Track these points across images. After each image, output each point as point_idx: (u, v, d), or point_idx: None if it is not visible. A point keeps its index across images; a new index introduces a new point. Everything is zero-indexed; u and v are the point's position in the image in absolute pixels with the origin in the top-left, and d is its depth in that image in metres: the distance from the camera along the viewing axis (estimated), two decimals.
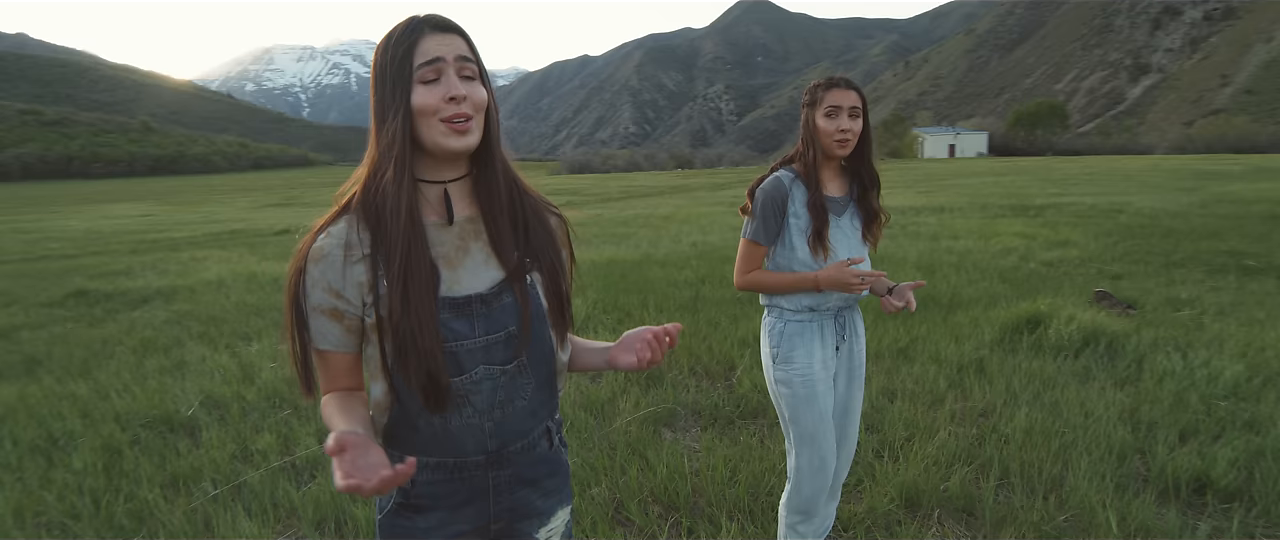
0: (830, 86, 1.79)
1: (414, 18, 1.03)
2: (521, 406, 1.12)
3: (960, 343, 4.39)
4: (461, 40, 1.03)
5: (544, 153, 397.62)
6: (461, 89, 1.00)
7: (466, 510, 1.13)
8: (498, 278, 1.08)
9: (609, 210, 19.88)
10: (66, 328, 6.10)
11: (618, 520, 2.40)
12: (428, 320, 1.00)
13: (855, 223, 1.89)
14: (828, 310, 1.87)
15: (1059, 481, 2.59)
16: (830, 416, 1.90)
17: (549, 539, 1.22)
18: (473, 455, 1.10)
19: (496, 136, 1.10)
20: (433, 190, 1.08)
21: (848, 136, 1.78)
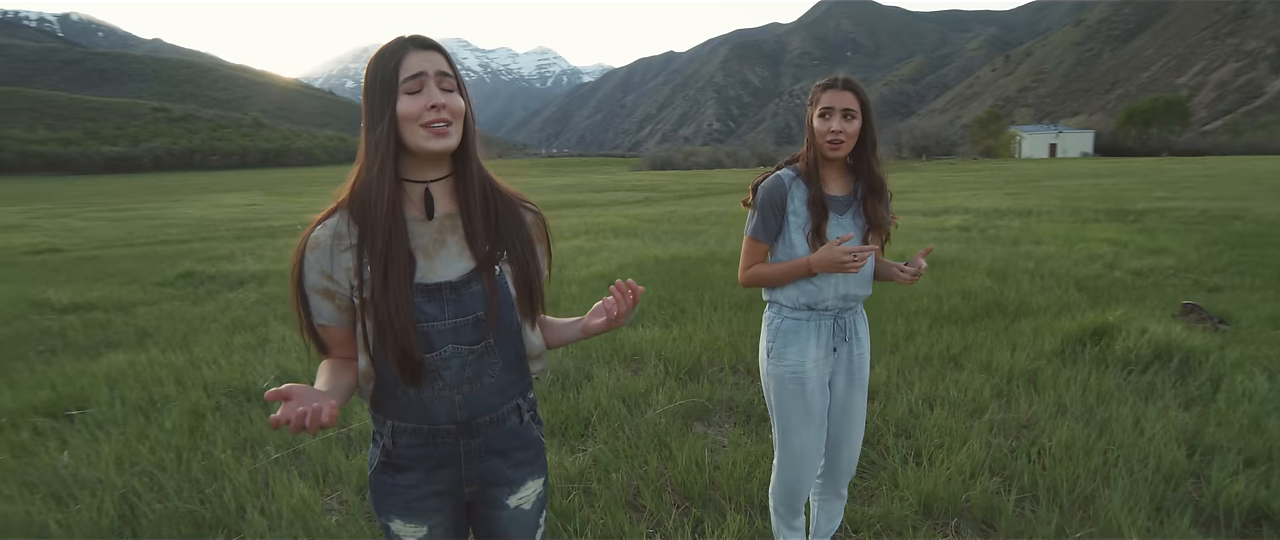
0: (827, 87, 1.81)
1: (401, 38, 1.17)
2: (490, 383, 1.24)
3: (1016, 352, 4.23)
4: (442, 57, 1.16)
5: (628, 149, 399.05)
6: (441, 98, 1.13)
7: (441, 472, 1.27)
8: (469, 268, 1.21)
9: (684, 207, 19.91)
10: (174, 305, 6.73)
11: (632, 506, 2.50)
12: (403, 303, 1.14)
13: (858, 222, 1.89)
14: (826, 311, 1.89)
15: (1091, 499, 2.50)
16: (818, 415, 1.93)
17: (519, 506, 1.34)
18: (444, 424, 1.23)
19: (473, 141, 1.23)
20: (416, 189, 1.21)
21: (840, 138, 1.79)
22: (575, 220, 15.80)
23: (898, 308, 5.41)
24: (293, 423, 0.95)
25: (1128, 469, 2.68)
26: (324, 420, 0.97)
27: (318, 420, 0.96)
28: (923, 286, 6.20)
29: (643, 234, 11.98)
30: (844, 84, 1.79)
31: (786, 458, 1.96)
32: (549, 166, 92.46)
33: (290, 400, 0.97)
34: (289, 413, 0.95)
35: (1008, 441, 3.03)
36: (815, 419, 1.93)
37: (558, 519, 2.34)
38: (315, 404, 0.97)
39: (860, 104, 1.80)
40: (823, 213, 1.83)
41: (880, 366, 4.05)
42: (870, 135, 1.84)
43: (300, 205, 27.21)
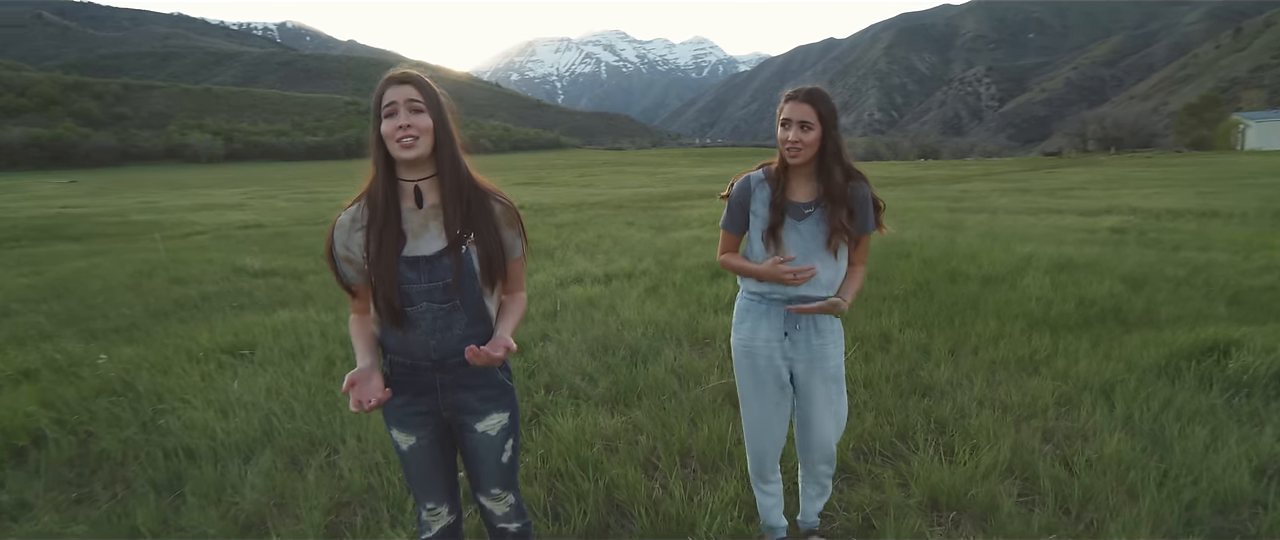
0: (789, 98, 1.97)
1: (387, 75, 1.58)
2: (458, 334, 1.63)
3: (1106, 362, 4.01)
4: (413, 88, 1.56)
5: None
6: (407, 120, 1.53)
7: (423, 398, 1.69)
8: (442, 246, 1.60)
9: None
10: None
11: (647, 465, 2.83)
12: (390, 269, 1.56)
13: (818, 228, 2.01)
14: (775, 299, 2.08)
15: (1114, 511, 2.44)
16: (770, 391, 2.13)
17: (486, 432, 1.73)
18: (422, 361, 1.64)
19: (450, 148, 1.61)
20: (408, 186, 1.62)
21: (797, 148, 1.95)
22: (702, 211, 16.09)
23: (997, 310, 5.23)
24: (356, 407, 1.51)
25: (1174, 490, 2.56)
26: (369, 406, 1.53)
27: (368, 404, 1.53)
28: (1038, 290, 5.89)
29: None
30: (804, 97, 1.95)
31: (746, 424, 2.20)
32: (701, 156, 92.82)
33: (354, 388, 1.53)
34: (353, 398, 1.53)
35: (1052, 448, 2.99)
36: (766, 394, 2.13)
37: (577, 466, 2.71)
38: (367, 395, 1.54)
39: (818, 116, 1.94)
40: (779, 217, 2.02)
41: (947, 366, 4.03)
42: (831, 145, 1.98)
43: None
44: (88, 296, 6.58)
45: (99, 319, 5.63)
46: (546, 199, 22.71)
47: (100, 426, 3.33)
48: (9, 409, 3.40)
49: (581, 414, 3.28)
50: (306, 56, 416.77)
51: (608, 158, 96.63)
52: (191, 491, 2.68)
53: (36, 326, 5.38)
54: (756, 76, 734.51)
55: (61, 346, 4.69)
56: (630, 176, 42.49)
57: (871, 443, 3.06)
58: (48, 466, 2.99)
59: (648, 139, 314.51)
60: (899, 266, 7.29)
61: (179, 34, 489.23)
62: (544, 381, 3.89)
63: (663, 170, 51.34)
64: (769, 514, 2.34)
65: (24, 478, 2.89)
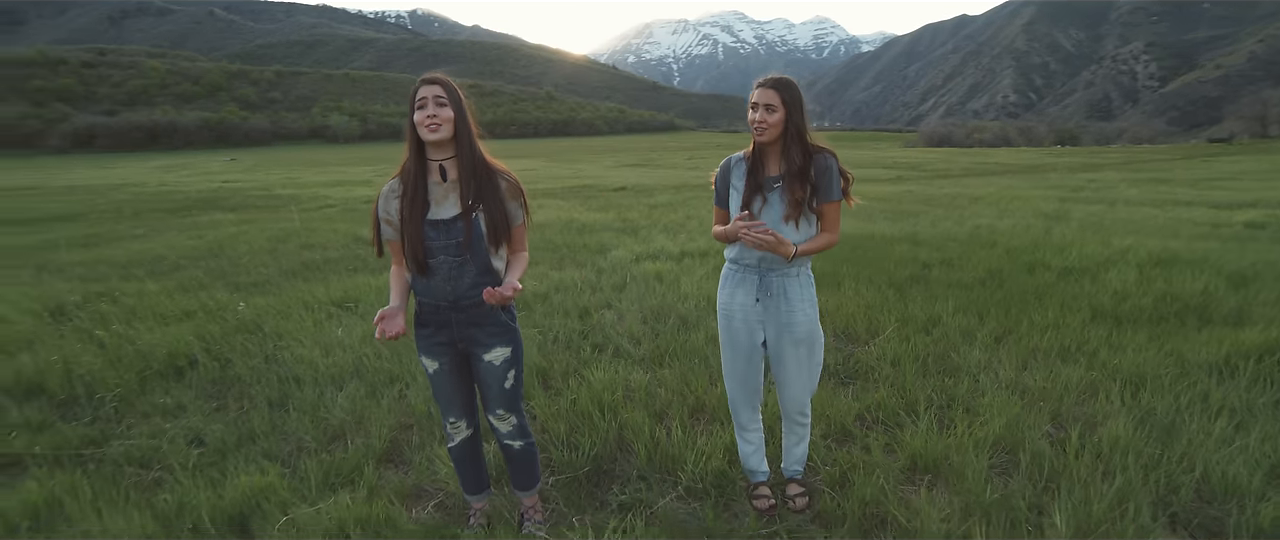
0: (758, 86, 2.26)
1: (421, 77, 2.04)
2: (468, 282, 2.09)
3: (1155, 356, 3.95)
4: (439, 87, 2.01)
5: (906, 123, 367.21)
6: (433, 111, 1.99)
7: (442, 331, 2.16)
8: (457, 212, 2.06)
9: (928, 187, 18.87)
10: None
11: (660, 413, 3.21)
12: (417, 229, 2.04)
13: (782, 198, 2.30)
14: (749, 266, 2.38)
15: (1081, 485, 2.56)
16: (743, 350, 2.43)
17: (491, 362, 2.18)
18: (441, 302, 2.12)
19: (467, 135, 2.06)
20: (435, 165, 2.09)
21: (762, 127, 2.23)
22: None
23: (1064, 301, 5.13)
24: (379, 336, 2.01)
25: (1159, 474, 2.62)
26: (389, 336, 2.02)
27: (388, 335, 2.02)
28: (1119, 284, 5.68)
29: (855, 212, 11.93)
30: (770, 84, 2.24)
31: (725, 377, 2.52)
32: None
33: (382, 321, 2.02)
34: (379, 329, 2.03)
35: (1055, 429, 3.09)
36: (739, 351, 2.44)
37: (598, 409, 3.14)
38: (389, 328, 2.03)
39: (781, 100, 2.23)
40: (752, 188, 2.33)
41: (984, 351, 4.10)
42: (792, 127, 2.26)
43: (570, 171, 30.81)
44: (236, 257, 7.75)
45: (242, 275, 6.68)
46: (649, 181, 23.23)
47: (236, 356, 4.12)
48: (175, 339, 4.28)
49: (616, 369, 3.71)
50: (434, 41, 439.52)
51: (721, 140, 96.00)
52: (294, 407, 3.36)
53: (196, 279, 6.47)
54: (880, 57, 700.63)
55: (213, 295, 5.67)
56: None
57: (877, 412, 3.28)
58: (197, 382, 3.79)
59: None
60: (978, 254, 7.18)
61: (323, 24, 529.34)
62: (595, 342, 4.34)
63: None
64: (748, 459, 2.65)
65: (181, 389, 3.69)
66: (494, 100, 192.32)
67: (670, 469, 2.73)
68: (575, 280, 6.18)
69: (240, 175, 31.22)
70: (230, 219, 12.37)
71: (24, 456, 2.98)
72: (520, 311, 5.10)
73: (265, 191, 19.79)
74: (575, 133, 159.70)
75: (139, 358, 4.01)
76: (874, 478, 2.59)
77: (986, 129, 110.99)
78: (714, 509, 2.48)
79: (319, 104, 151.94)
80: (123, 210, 14.94)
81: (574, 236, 9.14)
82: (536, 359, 3.91)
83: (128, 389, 3.65)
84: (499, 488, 2.64)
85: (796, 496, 2.59)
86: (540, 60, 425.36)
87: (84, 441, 3.10)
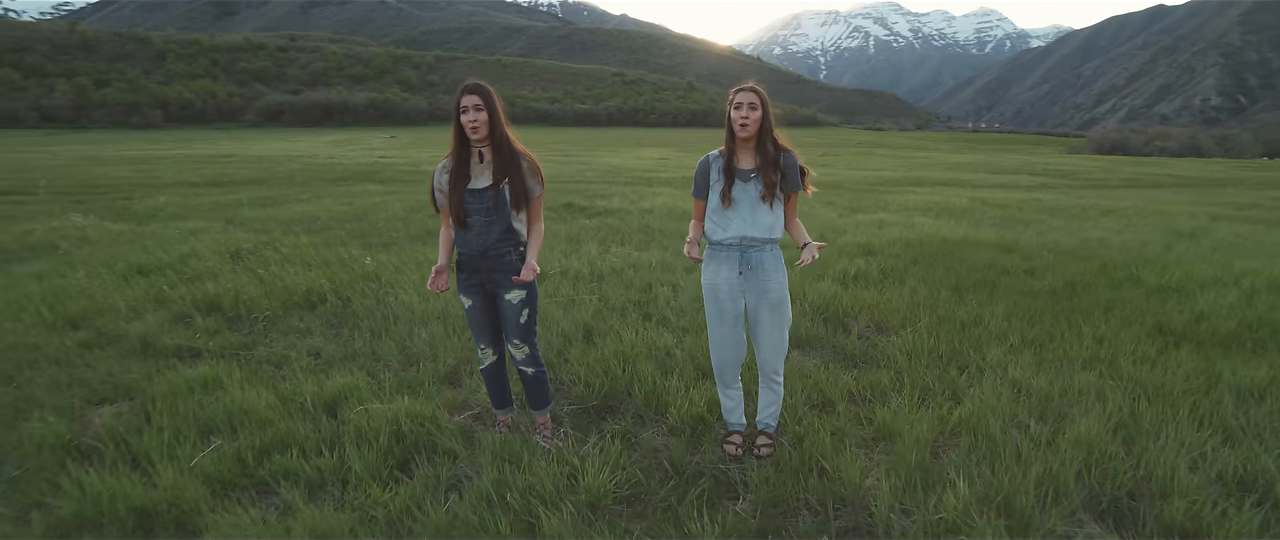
0: (738, 92, 2.75)
1: (462, 86, 2.71)
2: (494, 237, 2.76)
3: (1185, 370, 3.96)
4: (477, 96, 2.67)
5: (1077, 126, 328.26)
6: (473, 116, 2.66)
7: (475, 275, 2.85)
8: (489, 184, 2.73)
9: (1065, 197, 17.68)
10: (554, 224, 9.64)
11: (669, 369, 3.75)
12: (459, 196, 2.73)
13: (757, 187, 2.77)
14: (731, 246, 2.86)
15: (1001, 467, 2.79)
16: (728, 319, 2.90)
17: (510, 300, 2.84)
18: (474, 253, 2.80)
19: (499, 129, 2.71)
20: (475, 150, 2.77)
21: (746, 122, 2.71)
22: (922, 196, 15.67)
23: (1131, 317, 5.05)
24: (430, 286, 2.74)
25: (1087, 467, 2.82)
26: (436, 290, 2.75)
27: (435, 289, 2.73)
28: (1210, 306, 5.43)
29: (965, 216, 11.66)
30: (750, 89, 2.74)
31: (711, 344, 3.00)
32: (967, 142, 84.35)
33: (434, 278, 2.75)
34: (429, 283, 2.76)
35: (1035, 422, 3.30)
36: (725, 321, 2.93)
37: (617, 361, 3.73)
38: (436, 284, 2.75)
39: (760, 102, 2.72)
40: (730, 180, 2.81)
41: (1002, 350, 4.26)
42: (766, 124, 2.74)
43: (694, 160, 31.37)
44: (374, 222, 9.06)
45: (375, 236, 7.89)
46: None
47: (355, 297, 5.12)
48: (313, 280, 5.37)
49: (649, 333, 4.28)
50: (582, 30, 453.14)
51: (861, 138, 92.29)
52: (388, 336, 4.24)
53: (338, 237, 7.75)
54: (1052, 52, 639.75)
55: (349, 250, 6.84)
56: (875, 159, 40.99)
57: (869, 392, 3.64)
58: (324, 313, 4.80)
59: (912, 120, 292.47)
60: (1066, 265, 7.03)
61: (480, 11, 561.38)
62: (646, 312, 4.94)
63: (915, 154, 48.45)
64: (730, 413, 3.14)
65: (312, 317, 4.72)
66: (635, 89, 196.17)
67: (661, 411, 3.28)
68: (652, 260, 6.78)
69: (396, 152, 34.56)
70: (378, 190, 14.12)
71: (202, 349, 4.06)
72: (593, 282, 5.79)
73: (413, 168, 21.98)
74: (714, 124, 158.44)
75: (285, 292, 5.11)
76: (826, 438, 3.00)
77: (1171, 136, 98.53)
78: (685, 444, 3.01)
79: None
80: (294, 178, 17.35)
81: (671, 222, 9.74)
82: (587, 319, 4.57)
83: (274, 313, 4.72)
84: (523, 408, 3.31)
85: (762, 446, 3.06)
86: (684, 50, 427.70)
87: (240, 345, 4.15)
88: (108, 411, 3.25)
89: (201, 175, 18.15)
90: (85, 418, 3.22)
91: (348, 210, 10.22)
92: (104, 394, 3.47)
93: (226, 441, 2.90)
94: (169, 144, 45.16)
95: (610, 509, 2.51)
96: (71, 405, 3.31)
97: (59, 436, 2.94)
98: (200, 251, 6.63)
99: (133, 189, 14.55)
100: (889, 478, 2.65)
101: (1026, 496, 2.51)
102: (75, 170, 20.25)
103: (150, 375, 3.66)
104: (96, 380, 3.60)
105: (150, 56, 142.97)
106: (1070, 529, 2.50)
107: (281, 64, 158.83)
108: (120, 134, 71.15)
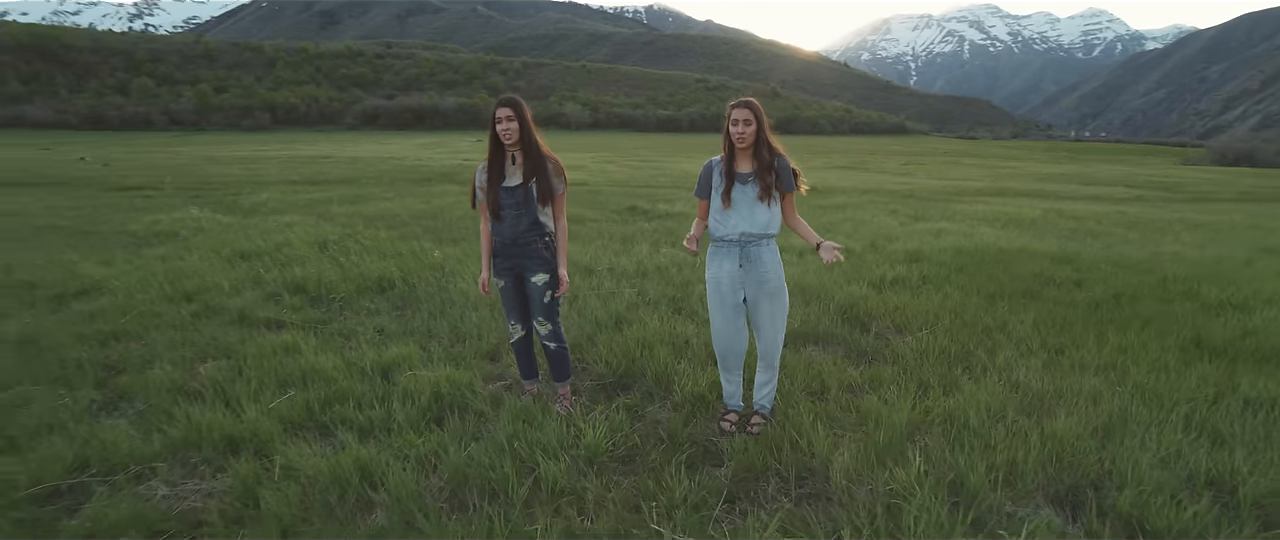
0: (734, 107, 3.10)
1: (497, 100, 3.19)
2: (523, 228, 3.23)
3: (1199, 378, 4.01)
4: (510, 109, 3.15)
5: (1198, 135, 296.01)
6: (506, 126, 3.15)
7: (508, 261, 3.34)
8: (520, 182, 3.20)
9: (1159, 210, 16.79)
10: (609, 225, 10.15)
11: (683, 354, 4.12)
12: (494, 192, 3.23)
13: (754, 189, 3.12)
14: (731, 242, 3.21)
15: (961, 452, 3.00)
16: (729, 309, 3.25)
17: (535, 282, 3.31)
18: (507, 240, 3.29)
19: (529, 136, 3.18)
20: (509, 153, 3.24)
21: (743, 133, 3.07)
22: (982, 206, 15.30)
23: (1168, 328, 5.04)
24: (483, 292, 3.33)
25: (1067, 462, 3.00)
26: (484, 291, 3.35)
27: (485, 292, 3.30)
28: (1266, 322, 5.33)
29: (1032, 227, 11.41)
30: (744, 105, 3.10)
31: (713, 334, 3.37)
32: (1068, 152, 78.42)
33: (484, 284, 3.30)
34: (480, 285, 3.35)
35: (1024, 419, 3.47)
36: (726, 311, 3.28)
37: (637, 346, 4.13)
38: (483, 287, 3.35)
39: (754, 116, 3.08)
40: (730, 182, 3.17)
41: (1014, 353, 4.39)
42: (761, 134, 3.09)
43: None
44: (448, 220, 9.83)
45: (446, 232, 8.61)
46: (845, 183, 23.17)
47: (420, 284, 5.76)
48: (385, 269, 6.06)
49: (673, 323, 4.67)
50: (666, 36, 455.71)
51: (950, 147, 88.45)
52: (443, 317, 4.81)
53: (413, 232, 8.52)
54: (1170, 56, 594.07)
55: (421, 244, 7.54)
56: (961, 169, 39.62)
57: (867, 384, 3.89)
58: (392, 297, 5.46)
59: (1008, 128, 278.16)
60: (1122, 278, 6.92)
61: (567, 19, 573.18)
62: (678, 306, 5.32)
63: (1005, 164, 46.35)
64: (730, 396, 3.49)
65: (380, 300, 5.38)
66: (717, 95, 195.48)
67: (668, 389, 3.67)
68: (696, 261, 7.15)
69: (479, 155, 36.10)
70: (455, 190, 15.07)
71: (286, 322, 4.76)
72: (637, 279, 6.22)
73: None
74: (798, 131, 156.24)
75: (360, 277, 5.80)
76: (807, 418, 3.30)
77: None
78: (684, 418, 3.38)
79: (556, 93, 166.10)
80: (382, 178, 18.66)
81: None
82: (621, 310, 5.00)
83: (349, 295, 5.42)
84: (548, 380, 3.77)
85: (755, 424, 3.40)
86: (769, 56, 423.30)
87: (318, 320, 4.84)
88: (210, 365, 3.95)
89: (300, 174, 19.77)
90: (193, 369, 3.92)
91: (425, 208, 11.07)
92: (208, 353, 4.19)
93: (299, 393, 3.51)
94: (275, 145, 48.93)
95: (605, 464, 2.92)
96: (184, 359, 4.05)
97: (174, 382, 3.65)
98: (293, 241, 7.49)
99: (241, 186, 16.10)
100: (852, 453, 2.94)
101: (978, 477, 2.75)
102: (195, 169, 22.44)
103: (244, 340, 4.38)
104: (203, 342, 4.34)
105: (262, 64, 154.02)
106: (1025, 511, 2.72)
107: (378, 70, 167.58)
108: (234, 136, 77.41)
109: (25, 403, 3.44)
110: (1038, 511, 2.73)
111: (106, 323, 4.73)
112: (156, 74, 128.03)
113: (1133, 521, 2.60)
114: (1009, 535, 2.46)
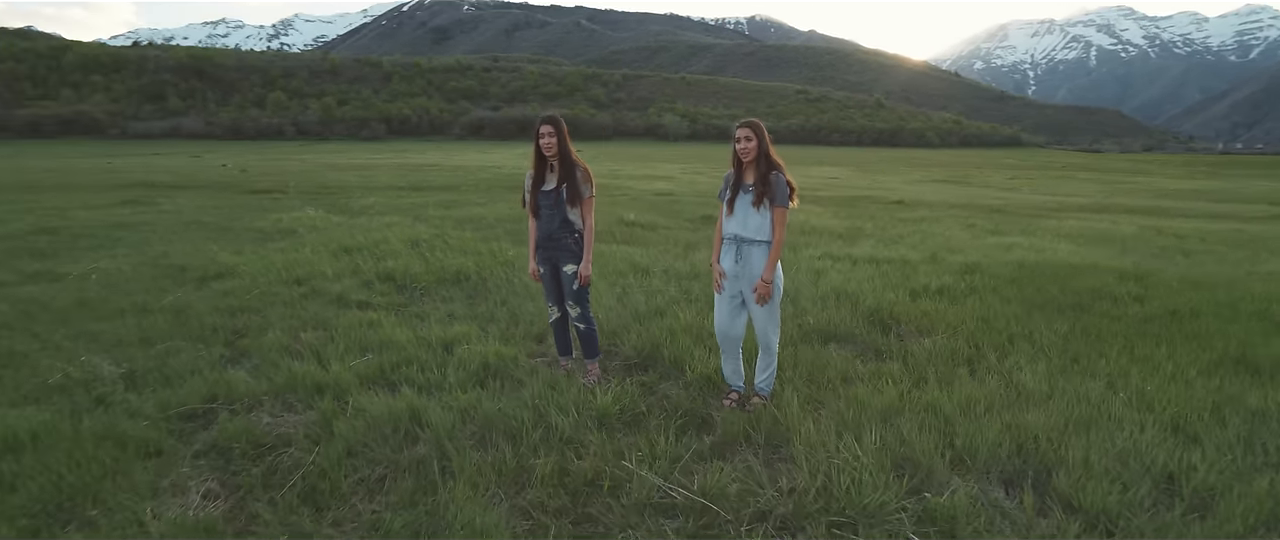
0: (738, 127, 3.59)
1: (540, 117, 3.83)
2: (557, 225, 3.89)
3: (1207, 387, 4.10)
4: (551, 126, 3.82)
5: None
6: (547, 140, 3.81)
7: (545, 252, 4.02)
8: (555, 186, 3.84)
9: (1271, 228, 15.54)
10: (675, 231, 10.70)
11: (702, 342, 4.60)
12: (535, 195, 3.91)
13: (751, 197, 3.60)
14: (730, 240, 3.71)
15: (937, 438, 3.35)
16: (723, 299, 3.75)
17: (567, 271, 3.96)
18: (544, 235, 3.95)
19: (565, 147, 3.82)
20: (548, 162, 3.88)
21: (747, 149, 3.56)
22: (1072, 222, 14.70)
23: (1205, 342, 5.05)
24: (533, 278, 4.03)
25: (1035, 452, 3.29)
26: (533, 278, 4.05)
27: (533, 277, 4.00)
28: None
29: (1116, 243, 11.02)
30: (746, 124, 3.59)
31: (716, 323, 3.88)
32: (1209, 166, 70.23)
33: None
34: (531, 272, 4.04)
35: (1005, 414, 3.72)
36: (722, 300, 3.77)
37: (664, 334, 4.66)
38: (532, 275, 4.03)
39: (755, 134, 3.56)
40: (734, 191, 3.67)
41: (1023, 358, 4.58)
42: (762, 149, 3.58)
43: (868, 181, 30.93)
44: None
45: (524, 234, 9.33)
46: (935, 197, 22.68)
47: (491, 277, 6.56)
48: (463, 264, 6.90)
49: (701, 317, 5.16)
50: (768, 47, 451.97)
51: (1068, 161, 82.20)
52: (504, 304, 5.55)
53: (495, 234, 9.43)
54: None
55: (500, 244, 8.39)
56: (1073, 184, 37.47)
57: (868, 377, 4.24)
58: (466, 288, 6.28)
59: (1140, 140, 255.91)
60: (1185, 294, 6.77)
61: (668, 31, 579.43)
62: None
63: (1129, 180, 43.21)
64: (730, 377, 3.98)
65: (455, 290, 6.21)
66: (819, 106, 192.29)
67: (681, 369, 4.19)
68: None
69: None
70: None
71: (374, 304, 5.64)
72: (689, 280, 6.75)
73: None
74: (903, 143, 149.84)
75: (440, 270, 6.67)
76: (793, 397, 3.72)
77: None
78: (691, 394, 3.89)
79: (655, 104, 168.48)
80: (480, 186, 20.06)
81: (789, 235, 10.39)
82: (661, 305, 5.55)
83: (428, 285, 6.29)
84: (581, 358, 4.37)
85: (753, 404, 3.86)
86: (873, 66, 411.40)
87: (400, 304, 5.73)
88: (309, 334, 4.88)
89: (407, 181, 21.54)
90: (297, 335, 4.85)
91: (509, 214, 12.03)
92: (309, 324, 5.13)
93: (376, 356, 4.32)
94: (387, 154, 52.76)
95: (612, 424, 3.49)
96: (290, 328, 5.00)
97: (283, 345, 4.58)
98: (389, 239, 8.54)
99: (354, 190, 17.84)
100: (820, 427, 3.35)
101: (929, 455, 3.11)
102: (315, 175, 24.83)
103: (338, 316, 5.30)
104: (307, 316, 5.29)
105: (379, 78, 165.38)
106: (968, 486, 3.03)
107: (485, 83, 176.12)
108: (352, 145, 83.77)
109: (177, 353, 4.46)
110: (988, 490, 3.04)
111: (235, 299, 5.80)
112: (288, 88, 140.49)
113: (1067, 499, 2.88)
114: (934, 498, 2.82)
